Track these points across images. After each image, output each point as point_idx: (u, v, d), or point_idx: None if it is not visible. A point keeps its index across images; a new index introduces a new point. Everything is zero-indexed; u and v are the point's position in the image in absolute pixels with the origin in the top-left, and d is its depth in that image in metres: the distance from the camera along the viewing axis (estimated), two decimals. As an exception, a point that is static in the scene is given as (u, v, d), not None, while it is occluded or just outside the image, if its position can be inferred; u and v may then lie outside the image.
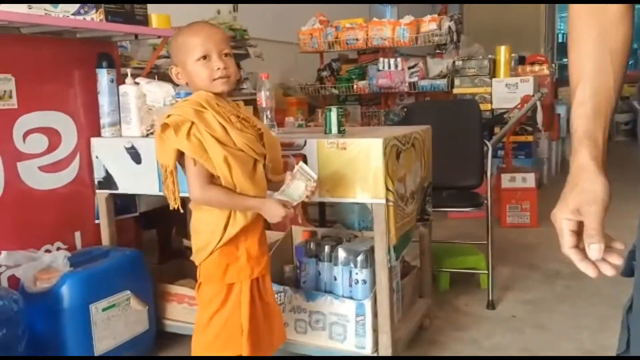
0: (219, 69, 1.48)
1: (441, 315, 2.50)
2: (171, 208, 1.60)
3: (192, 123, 1.45)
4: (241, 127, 1.53)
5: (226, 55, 1.51)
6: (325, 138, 1.92)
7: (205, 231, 1.56)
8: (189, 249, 2.51)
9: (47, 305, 1.88)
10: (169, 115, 1.49)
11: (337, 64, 5.03)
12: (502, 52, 4.44)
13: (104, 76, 2.24)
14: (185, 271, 2.43)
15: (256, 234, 1.61)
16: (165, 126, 1.47)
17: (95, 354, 1.94)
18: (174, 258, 2.67)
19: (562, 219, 0.81)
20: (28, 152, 2.08)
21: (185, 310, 2.20)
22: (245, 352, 1.56)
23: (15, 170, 2.03)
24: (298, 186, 1.59)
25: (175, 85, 2.30)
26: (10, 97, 2.01)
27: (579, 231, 0.80)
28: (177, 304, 2.23)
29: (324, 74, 4.93)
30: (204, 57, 1.49)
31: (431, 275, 2.47)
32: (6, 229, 2.00)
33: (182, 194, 1.59)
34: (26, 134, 2.07)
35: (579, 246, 0.79)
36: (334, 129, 1.98)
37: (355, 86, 4.79)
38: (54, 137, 2.17)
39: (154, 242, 2.92)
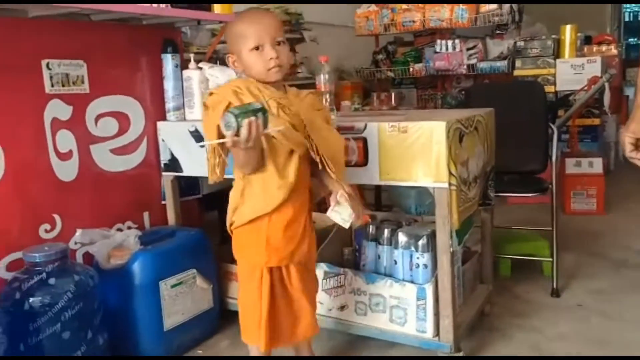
0: (271, 59, 1.49)
1: (501, 302, 2.46)
2: (209, 182, 1.66)
3: (229, 103, 1.47)
4: (278, 113, 1.50)
5: (279, 43, 1.51)
6: (386, 121, 1.91)
7: (230, 207, 1.64)
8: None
9: (119, 282, 1.97)
10: (211, 93, 1.55)
11: (393, 46, 4.96)
12: (568, 32, 4.25)
13: (169, 61, 2.30)
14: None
15: (281, 222, 1.57)
16: (206, 105, 1.53)
17: (165, 329, 2.02)
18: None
19: (625, 135, 1.43)
20: (100, 135, 2.18)
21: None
22: (261, 344, 1.60)
23: (88, 153, 2.13)
24: (345, 209, 1.60)
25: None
26: (83, 82, 2.10)
27: (636, 144, 1.43)
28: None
29: (380, 57, 4.87)
30: (257, 48, 1.50)
31: (492, 261, 2.42)
32: (81, 209, 2.10)
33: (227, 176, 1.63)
34: (98, 118, 2.16)
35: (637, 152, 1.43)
36: None
37: (411, 69, 4.72)
38: (123, 120, 2.26)
39: (215, 223, 3.00)
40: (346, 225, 1.61)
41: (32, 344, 1.71)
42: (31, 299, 1.71)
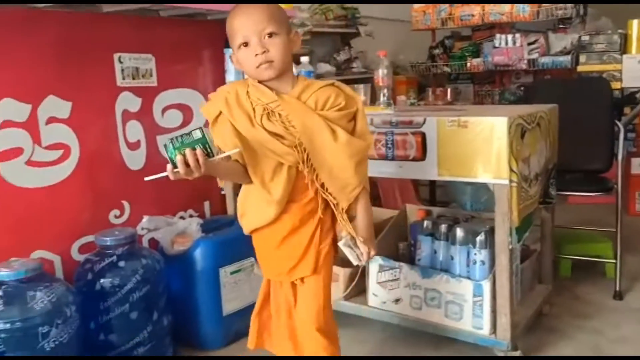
0: (257, 55, 1.31)
1: (561, 302, 2.40)
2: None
3: (220, 113, 1.38)
4: (261, 122, 1.34)
5: (270, 35, 1.31)
6: (445, 116, 1.90)
7: (238, 212, 1.53)
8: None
9: (182, 267, 2.06)
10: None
11: (450, 41, 4.88)
12: (635, 27, 4.06)
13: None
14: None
15: (275, 237, 1.44)
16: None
17: (224, 314, 2.10)
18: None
19: None
20: (165, 126, 2.27)
21: (302, 279, 2.30)
22: (249, 340, 1.61)
23: (155, 143, 2.23)
24: (350, 253, 1.45)
25: (296, 63, 2.39)
26: (151, 75, 2.20)
27: None
28: (294, 273, 2.33)
29: (436, 51, 4.81)
30: (245, 44, 1.33)
31: (552, 261, 2.37)
32: (147, 197, 2.20)
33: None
34: (164, 110, 2.26)
35: None
36: None
37: (468, 64, 4.63)
38: (187, 112, 2.35)
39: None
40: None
41: (102, 322, 1.82)
42: (102, 280, 1.81)
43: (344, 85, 1.43)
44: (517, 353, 1.87)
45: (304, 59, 2.35)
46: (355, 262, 1.45)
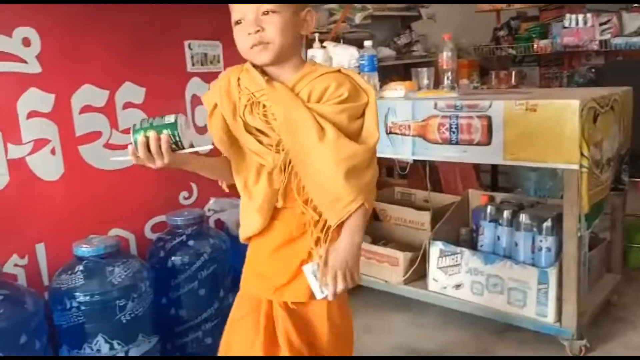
0: (249, 34, 1.13)
1: (630, 293, 2.31)
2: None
3: (215, 105, 1.22)
4: (244, 114, 1.17)
5: (267, 12, 1.13)
6: (512, 99, 1.85)
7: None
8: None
9: (246, 248, 2.12)
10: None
11: (516, 22, 4.72)
12: None
13: (294, 41, 2.40)
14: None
15: (268, 246, 1.25)
16: None
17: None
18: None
19: None
20: (231, 111, 2.33)
21: (362, 263, 2.31)
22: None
23: (221, 127, 2.30)
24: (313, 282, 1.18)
25: (359, 47, 2.39)
26: (218, 61, 2.27)
27: None
28: (355, 256, 2.36)
29: (501, 33, 4.66)
30: (239, 22, 1.16)
31: (622, 251, 2.28)
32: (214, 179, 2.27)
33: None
34: (230, 95, 2.32)
35: None
36: None
37: (535, 46, 4.46)
38: (251, 98, 2.40)
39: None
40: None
41: (173, 298, 1.91)
42: (173, 258, 1.91)
43: (354, 73, 1.22)
44: (583, 342, 1.83)
45: (367, 43, 2.35)
46: (316, 295, 1.17)
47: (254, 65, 1.19)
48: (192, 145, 1.13)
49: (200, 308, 1.93)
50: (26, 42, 1.73)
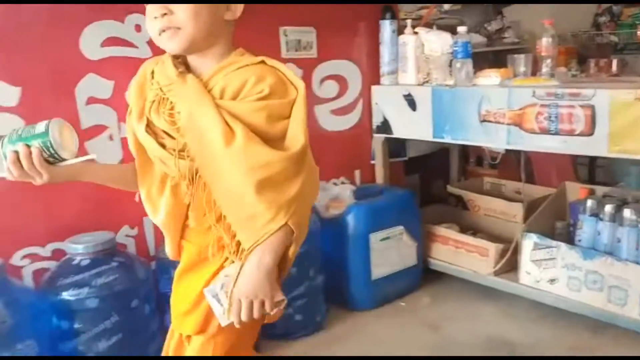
0: (156, 17, 0.97)
1: None
2: None
3: (130, 109, 1.08)
4: (151, 112, 1.00)
5: None
6: (620, 88, 1.76)
7: None
8: (453, 195, 2.61)
9: (335, 230, 2.17)
10: None
11: (619, 7, 4.42)
12: None
13: (386, 27, 2.40)
14: (446, 216, 2.54)
15: (177, 271, 1.11)
16: None
17: (372, 278, 2.18)
18: (433, 203, 2.78)
19: None
20: (322, 96, 2.38)
21: (449, 251, 2.31)
22: None
23: (312, 113, 2.35)
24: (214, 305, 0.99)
25: (454, 33, 2.35)
26: (312, 47, 2.31)
27: None
28: (441, 244, 2.35)
29: (602, 19, 4.39)
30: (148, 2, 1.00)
31: None
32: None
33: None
34: (322, 81, 2.36)
35: None
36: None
37: (639, 32, 4.17)
38: (342, 83, 2.43)
39: (414, 186, 3.09)
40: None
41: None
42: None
43: (282, 65, 1.02)
44: (691, 348, 1.72)
45: (461, 29, 2.30)
46: (221, 321, 0.98)
47: (178, 56, 1.03)
48: (77, 155, 0.96)
49: (292, 286, 1.99)
50: (137, 28, 1.85)
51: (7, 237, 1.67)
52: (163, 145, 0.99)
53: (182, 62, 1.03)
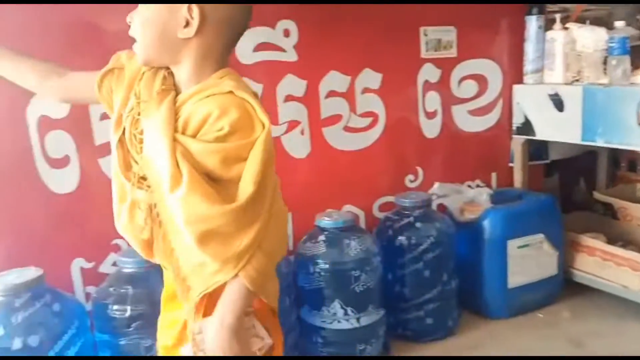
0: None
1: None
2: None
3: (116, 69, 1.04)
4: (128, 126, 0.96)
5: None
6: None
7: None
8: (601, 202, 2.42)
9: (470, 235, 2.12)
10: None
11: None
12: None
13: (532, 23, 2.28)
14: (591, 224, 2.37)
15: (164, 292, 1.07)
16: None
17: (509, 286, 2.10)
18: (574, 209, 2.61)
19: None
20: (460, 96, 2.32)
21: (596, 263, 2.15)
22: None
23: (449, 113, 2.31)
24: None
25: (610, 28, 2.17)
26: (451, 46, 2.26)
27: None
28: (587, 255, 2.19)
29: None
30: None
31: None
32: (439, 164, 2.31)
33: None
34: (461, 80, 2.31)
35: None
36: None
37: None
38: (482, 83, 2.36)
39: (553, 190, 2.91)
40: None
41: (398, 275, 2.00)
42: (400, 237, 1.99)
43: (254, 97, 0.92)
44: None
45: (619, 24, 2.11)
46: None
47: None
48: None
49: (424, 288, 1.98)
50: (286, 33, 1.94)
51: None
52: (128, 166, 0.96)
53: (171, 73, 0.97)
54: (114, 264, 1.66)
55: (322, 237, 1.85)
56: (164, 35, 0.92)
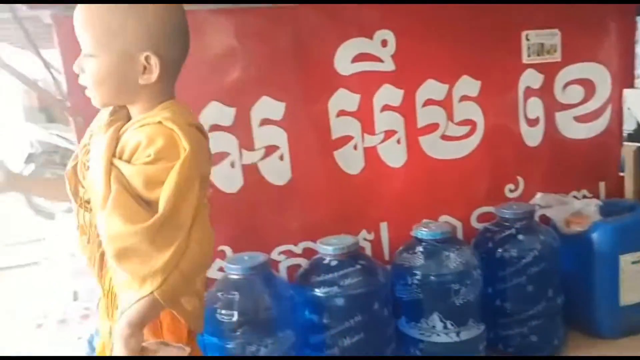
0: (78, 75, 1.02)
1: None
2: None
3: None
4: (83, 159, 1.06)
5: (87, 55, 0.99)
6: None
7: None
8: None
9: (577, 248, 2.00)
10: None
11: None
12: None
13: (645, 24, 2.13)
14: None
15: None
16: None
17: (621, 305, 1.97)
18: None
19: None
20: (565, 102, 2.21)
21: None
22: None
23: (553, 120, 2.20)
24: None
25: None
26: (555, 51, 2.16)
27: None
28: None
29: None
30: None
31: None
32: (541, 174, 2.20)
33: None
34: (565, 85, 2.20)
35: None
36: None
37: None
38: (589, 88, 2.23)
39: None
40: None
41: (499, 289, 1.93)
42: (501, 250, 1.92)
43: (183, 127, 0.96)
44: None
45: None
46: None
47: None
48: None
49: (527, 304, 1.90)
50: (384, 43, 1.94)
51: (270, 234, 1.90)
52: (77, 191, 1.07)
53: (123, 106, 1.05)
54: (220, 269, 1.72)
55: (419, 248, 1.83)
56: (124, 83, 0.99)
